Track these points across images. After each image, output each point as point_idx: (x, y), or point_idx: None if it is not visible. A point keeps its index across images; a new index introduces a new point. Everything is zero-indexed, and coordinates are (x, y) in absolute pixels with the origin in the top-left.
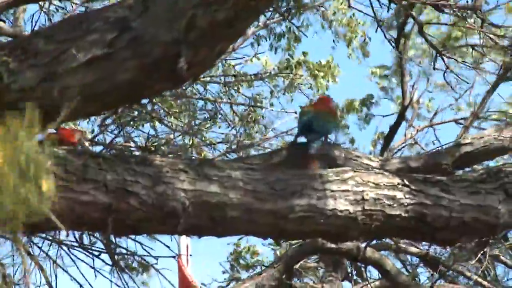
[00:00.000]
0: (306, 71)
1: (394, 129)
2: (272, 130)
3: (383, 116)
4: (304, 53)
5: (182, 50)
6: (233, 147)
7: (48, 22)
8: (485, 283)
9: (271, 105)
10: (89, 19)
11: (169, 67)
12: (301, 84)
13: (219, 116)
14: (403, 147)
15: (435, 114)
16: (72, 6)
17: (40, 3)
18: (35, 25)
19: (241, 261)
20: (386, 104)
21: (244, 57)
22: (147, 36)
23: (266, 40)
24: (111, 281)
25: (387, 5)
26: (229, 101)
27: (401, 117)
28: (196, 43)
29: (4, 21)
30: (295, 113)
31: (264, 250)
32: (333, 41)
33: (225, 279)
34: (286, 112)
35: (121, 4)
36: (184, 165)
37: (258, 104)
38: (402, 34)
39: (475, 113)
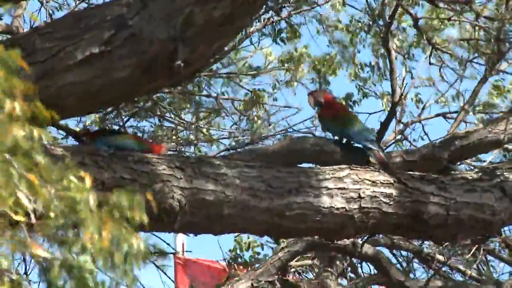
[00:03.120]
0: (308, 66)
1: (385, 125)
2: (275, 125)
3: (369, 113)
4: (305, 46)
5: (179, 47)
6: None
7: (48, 19)
8: (479, 277)
9: (274, 100)
10: (86, 17)
11: (166, 64)
12: (303, 78)
13: (222, 111)
14: (393, 143)
15: (423, 109)
16: (75, 2)
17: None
18: (34, 23)
19: (239, 260)
20: (367, 102)
21: (246, 52)
22: (144, 33)
23: (268, 36)
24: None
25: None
26: (230, 96)
27: (391, 113)
28: (193, 40)
29: (1, 18)
30: (298, 108)
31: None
32: (328, 45)
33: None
34: (288, 107)
35: (119, 2)
36: (181, 163)
37: (259, 100)
38: (391, 31)
39: (464, 107)
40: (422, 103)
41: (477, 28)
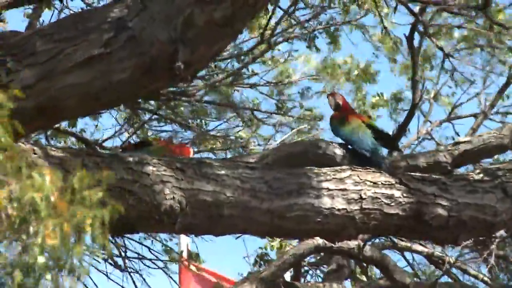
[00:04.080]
0: (344, 75)
1: (403, 126)
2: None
3: (404, 110)
4: (350, 56)
5: (179, 49)
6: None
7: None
8: (490, 282)
9: (301, 107)
10: (86, 19)
11: (166, 66)
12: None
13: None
14: (420, 142)
15: (453, 109)
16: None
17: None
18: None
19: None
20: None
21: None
22: (144, 35)
23: (303, 40)
24: (122, 286)
25: (395, 6)
26: (251, 106)
27: (411, 114)
28: (193, 41)
29: (5, 21)
30: (319, 117)
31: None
32: (374, 53)
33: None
34: (314, 119)
35: (118, 4)
36: (182, 165)
37: (280, 111)
38: (415, 32)
39: (485, 112)
40: (451, 104)
41: (491, 35)
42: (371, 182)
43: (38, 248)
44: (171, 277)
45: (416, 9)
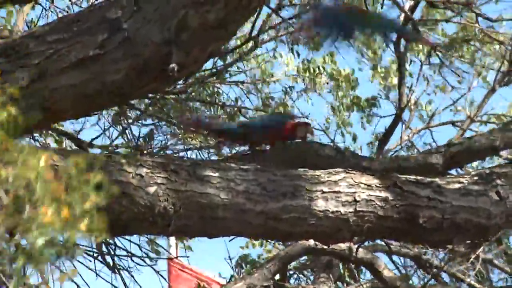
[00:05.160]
0: (326, 76)
1: (389, 131)
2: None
3: (381, 116)
4: (333, 62)
5: (173, 50)
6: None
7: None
8: (477, 285)
9: (286, 107)
10: (81, 20)
11: (160, 67)
12: (321, 89)
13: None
14: (400, 149)
15: (432, 116)
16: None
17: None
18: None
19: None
20: (385, 104)
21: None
22: (138, 36)
23: (285, 44)
24: (112, 284)
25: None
26: (236, 104)
27: (397, 119)
28: (187, 43)
29: None
30: (306, 117)
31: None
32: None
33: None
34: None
35: (113, 4)
36: (176, 166)
37: (266, 109)
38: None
39: (471, 117)
40: (430, 110)
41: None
42: (365, 184)
43: (37, 229)
44: (160, 275)
45: (406, 5)
